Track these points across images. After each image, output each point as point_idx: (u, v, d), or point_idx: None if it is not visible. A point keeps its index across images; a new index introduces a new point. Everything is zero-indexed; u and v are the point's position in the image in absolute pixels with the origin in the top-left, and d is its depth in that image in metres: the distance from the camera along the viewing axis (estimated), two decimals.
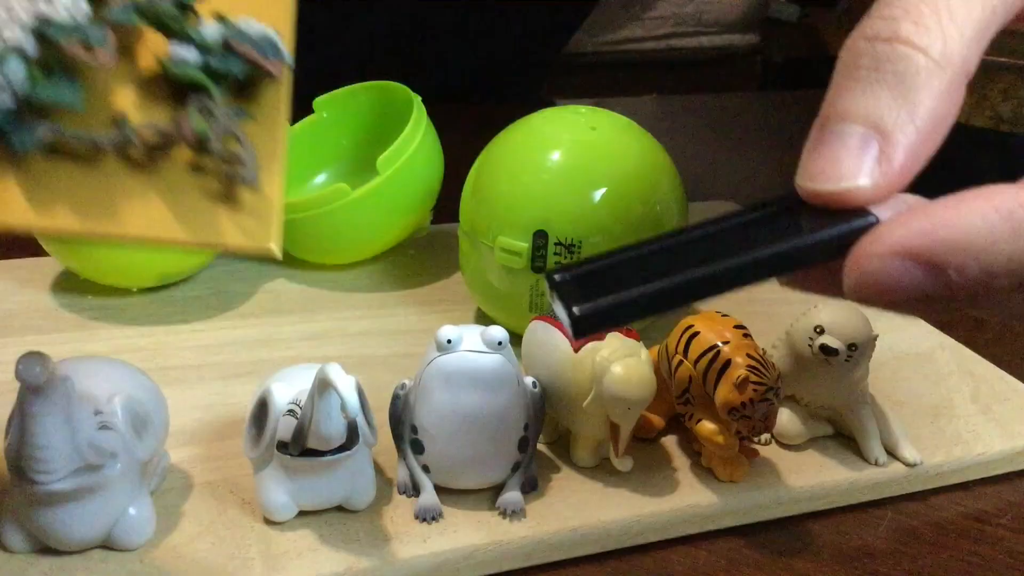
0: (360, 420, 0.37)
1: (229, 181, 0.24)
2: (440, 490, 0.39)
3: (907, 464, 0.43)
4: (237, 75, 0.25)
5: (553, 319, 0.43)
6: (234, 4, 0.26)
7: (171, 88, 0.25)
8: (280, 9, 0.27)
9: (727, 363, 0.40)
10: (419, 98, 0.60)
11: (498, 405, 0.38)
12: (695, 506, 0.40)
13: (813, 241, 0.24)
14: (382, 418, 0.40)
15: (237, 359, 0.51)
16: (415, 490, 0.39)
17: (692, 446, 0.43)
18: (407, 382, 0.40)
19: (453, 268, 0.60)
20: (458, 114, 0.74)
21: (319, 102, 0.65)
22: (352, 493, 0.38)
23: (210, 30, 0.26)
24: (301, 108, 0.63)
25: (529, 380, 0.40)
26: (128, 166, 0.24)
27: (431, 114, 0.60)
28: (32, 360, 0.31)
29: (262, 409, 0.38)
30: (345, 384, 0.34)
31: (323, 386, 0.34)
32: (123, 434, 0.35)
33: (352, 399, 0.33)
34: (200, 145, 0.24)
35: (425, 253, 0.64)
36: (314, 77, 0.65)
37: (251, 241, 0.24)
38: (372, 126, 0.65)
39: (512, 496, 0.39)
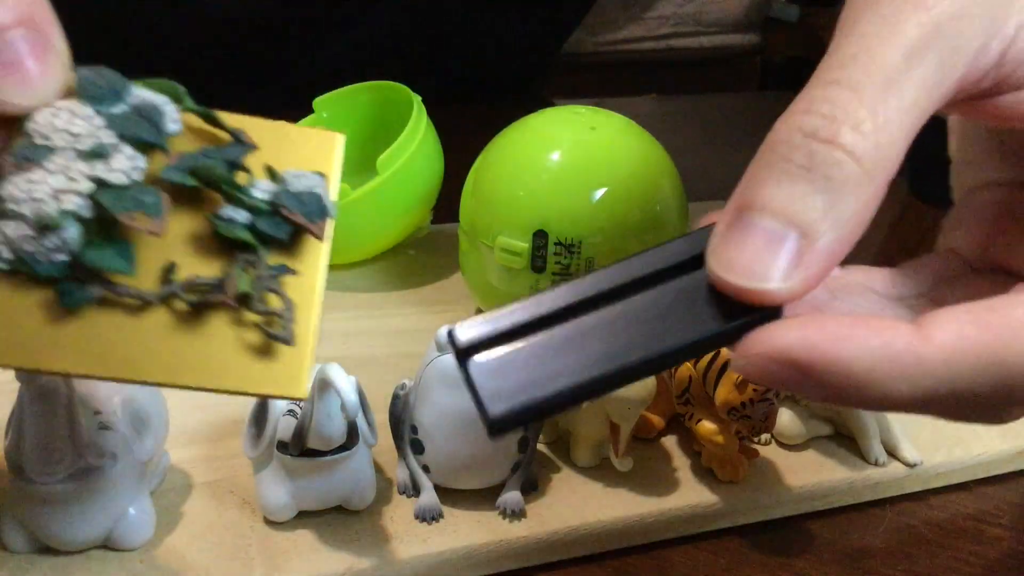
0: (360, 420, 0.37)
1: (266, 336, 0.26)
2: (440, 490, 0.39)
3: (907, 464, 0.43)
4: (283, 238, 0.27)
5: None
6: (281, 144, 0.27)
7: (218, 244, 0.26)
8: (327, 149, 0.28)
9: (727, 363, 0.40)
10: (419, 98, 0.60)
11: None
12: (695, 506, 0.40)
13: (726, 331, 0.24)
14: (382, 418, 0.40)
15: None
16: (415, 490, 0.39)
17: (692, 446, 0.43)
18: (407, 382, 0.40)
19: (453, 268, 0.60)
20: (458, 114, 0.74)
21: (319, 102, 0.65)
22: (352, 493, 0.38)
23: (260, 191, 0.27)
24: (301, 108, 0.63)
25: None
26: (172, 318, 0.26)
27: (431, 114, 0.60)
28: None
29: (262, 409, 0.38)
30: (345, 384, 0.34)
31: (323, 386, 0.34)
32: (123, 434, 0.35)
33: (352, 399, 0.34)
34: (242, 302, 0.26)
35: (425, 253, 0.64)
36: (314, 77, 0.66)
37: (283, 391, 0.26)
38: (372, 126, 0.65)
39: (512, 496, 0.39)
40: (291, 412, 0.36)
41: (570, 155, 0.49)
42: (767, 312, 0.23)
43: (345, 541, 0.37)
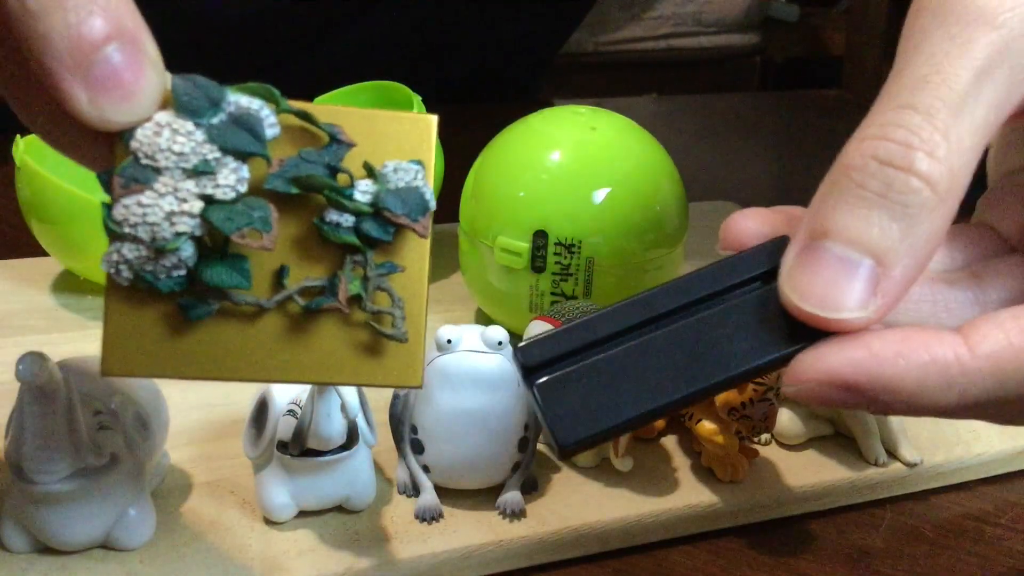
0: (360, 420, 0.37)
1: (378, 335, 0.27)
2: (440, 490, 0.39)
3: (907, 464, 0.43)
4: (388, 240, 0.27)
5: (553, 319, 0.43)
6: (378, 141, 0.27)
7: (326, 247, 0.27)
8: (424, 137, 0.28)
9: None
10: (419, 98, 0.60)
11: (498, 405, 0.38)
12: (695, 506, 0.40)
13: (792, 354, 0.24)
14: (382, 418, 0.40)
15: None
16: (415, 490, 0.39)
17: (692, 446, 0.43)
18: None
19: (453, 268, 0.60)
20: (458, 114, 0.74)
21: (319, 102, 0.65)
22: (352, 493, 0.38)
23: (361, 193, 0.27)
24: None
25: None
26: (287, 320, 0.27)
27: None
28: (32, 360, 0.31)
29: (262, 409, 0.38)
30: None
31: (323, 386, 0.34)
32: (123, 434, 0.35)
33: (352, 399, 0.34)
34: (352, 301, 0.27)
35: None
36: (314, 77, 0.66)
37: (400, 381, 0.27)
38: None
39: (512, 496, 0.39)
40: (291, 412, 0.36)
41: (570, 155, 0.49)
42: (832, 336, 0.24)
43: (345, 541, 0.37)
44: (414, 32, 0.95)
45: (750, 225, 0.28)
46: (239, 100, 0.25)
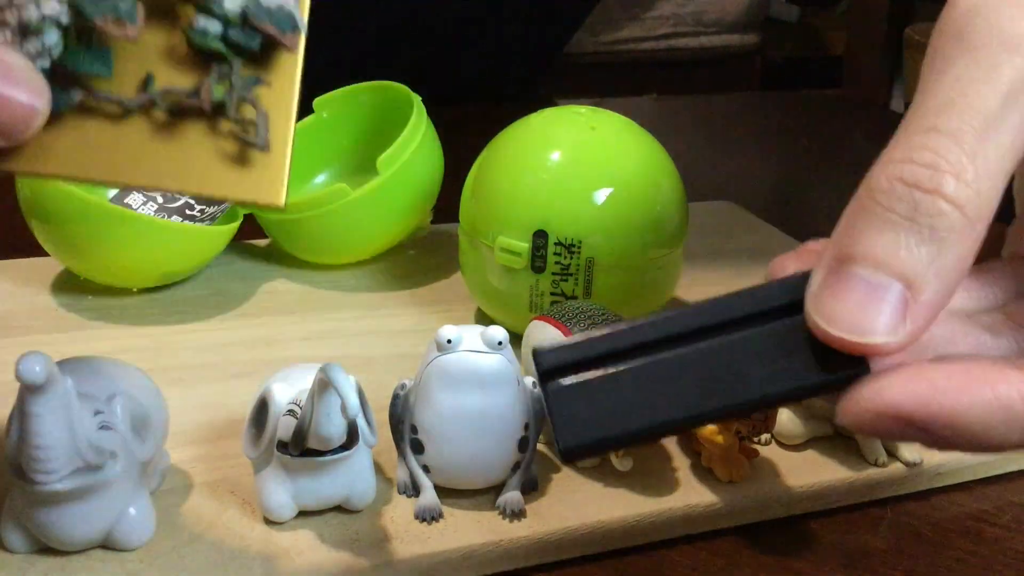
0: (360, 420, 0.37)
1: (242, 144, 0.27)
2: (440, 490, 0.39)
3: (907, 464, 0.43)
4: (255, 48, 0.27)
5: (553, 319, 0.43)
6: None
7: (194, 56, 0.27)
8: None
9: None
10: (419, 98, 0.60)
11: (498, 405, 0.38)
12: (695, 506, 0.40)
13: (812, 385, 0.24)
14: (382, 418, 0.40)
15: (237, 359, 0.51)
16: (415, 490, 0.39)
17: (692, 446, 0.43)
18: (407, 382, 0.40)
19: (453, 268, 0.60)
20: (458, 114, 0.74)
21: (319, 102, 0.65)
22: (352, 493, 0.38)
23: (231, 2, 0.27)
24: (301, 108, 0.63)
25: (529, 380, 0.40)
26: (151, 125, 0.27)
27: (431, 114, 0.60)
28: (32, 360, 0.31)
29: (262, 409, 0.38)
30: (345, 384, 0.34)
31: (323, 386, 0.34)
32: (123, 434, 0.35)
33: (352, 399, 0.34)
34: (217, 111, 0.27)
35: (425, 253, 0.64)
36: (314, 77, 0.66)
37: (260, 196, 0.27)
38: (372, 126, 0.65)
39: (512, 496, 0.39)
40: (291, 412, 0.36)
41: (570, 155, 0.49)
42: (859, 363, 0.23)
43: (345, 541, 0.37)
44: (414, 32, 0.95)
45: (789, 267, 0.27)
46: None
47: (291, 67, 0.28)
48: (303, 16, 0.28)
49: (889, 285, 0.22)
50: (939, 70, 0.24)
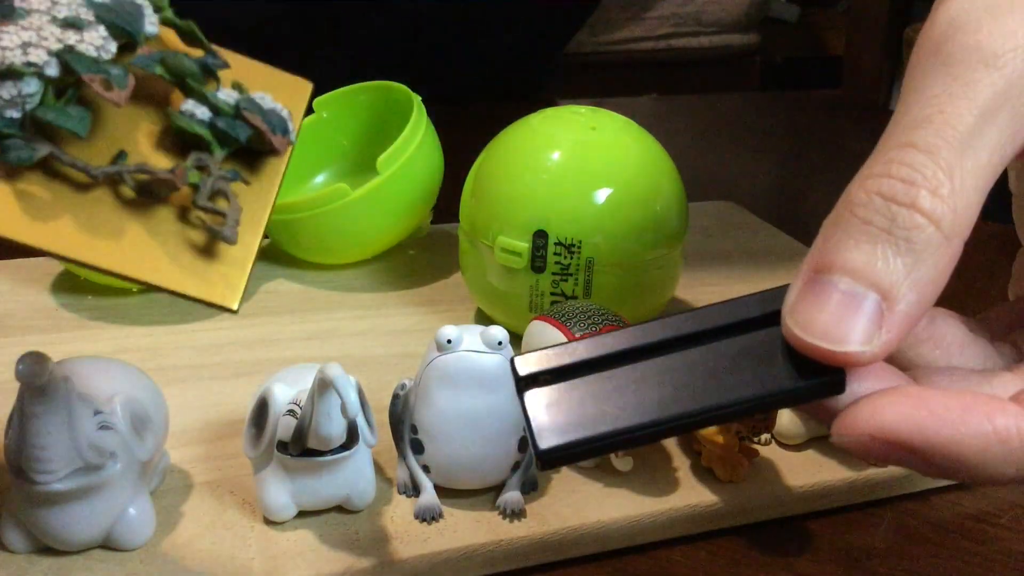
0: (360, 420, 0.37)
1: (209, 235, 0.25)
2: (440, 490, 0.39)
3: None
4: (241, 140, 0.26)
5: (553, 319, 0.43)
6: (254, 79, 0.27)
7: (176, 142, 0.26)
8: (297, 93, 0.28)
9: None
10: (419, 98, 0.60)
11: (498, 405, 0.38)
12: (695, 506, 0.40)
13: (786, 392, 0.24)
14: (382, 418, 0.40)
15: (237, 359, 0.51)
16: (415, 490, 0.39)
17: (692, 446, 0.43)
18: (407, 382, 0.40)
19: (453, 268, 0.60)
20: (458, 114, 0.74)
21: (319, 102, 0.65)
22: (352, 493, 0.38)
23: (225, 95, 0.27)
24: None
25: None
26: (118, 202, 0.25)
27: (431, 114, 0.60)
28: (32, 360, 0.31)
29: (262, 409, 0.38)
30: (345, 384, 0.34)
31: (323, 386, 0.34)
32: (123, 434, 0.35)
33: (352, 399, 0.34)
34: (190, 196, 0.25)
35: (425, 253, 0.64)
36: (314, 77, 0.66)
37: (215, 298, 0.25)
38: (372, 126, 0.65)
39: (512, 496, 0.39)
40: (291, 412, 0.36)
41: (570, 155, 0.49)
42: (835, 374, 0.23)
43: (345, 541, 0.37)
44: (414, 32, 0.95)
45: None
46: None
47: (273, 173, 0.27)
48: (294, 129, 0.27)
49: (865, 295, 0.23)
50: (917, 85, 0.24)
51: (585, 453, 0.24)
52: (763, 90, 1.69)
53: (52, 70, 0.24)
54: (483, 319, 0.55)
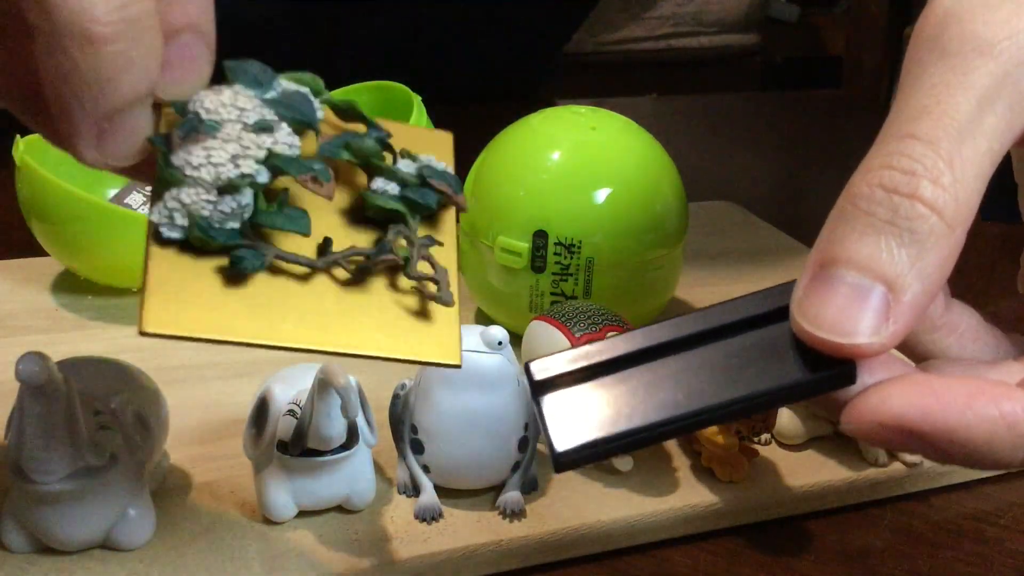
0: (360, 420, 0.37)
1: (423, 301, 0.27)
2: (440, 490, 0.39)
3: (907, 464, 0.43)
4: (432, 206, 0.28)
5: (553, 319, 0.43)
6: (401, 139, 0.29)
7: (360, 219, 0.28)
8: (442, 146, 0.30)
9: None
10: (419, 98, 0.60)
11: (498, 405, 0.38)
12: (695, 506, 0.40)
13: (798, 385, 0.24)
14: (382, 418, 0.40)
15: (237, 359, 0.51)
16: (415, 490, 0.39)
17: (692, 446, 0.43)
18: (407, 382, 0.40)
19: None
20: (458, 114, 0.73)
21: None
22: (352, 493, 0.38)
23: (406, 165, 0.28)
24: None
25: None
26: (337, 288, 0.26)
27: (431, 114, 0.60)
28: (32, 360, 0.31)
29: (262, 409, 0.38)
30: (345, 384, 0.34)
31: (323, 386, 0.34)
32: (123, 434, 0.35)
33: (352, 399, 0.34)
34: (400, 268, 0.27)
35: None
36: None
37: (445, 357, 0.27)
38: None
39: (512, 496, 0.39)
40: (291, 412, 0.36)
41: (570, 155, 0.49)
42: (845, 366, 0.24)
43: (345, 541, 0.37)
44: (414, 32, 0.95)
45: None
46: (288, 84, 0.27)
47: (451, 227, 0.29)
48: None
49: (871, 287, 0.23)
50: (915, 77, 0.24)
51: (602, 453, 0.24)
52: (763, 90, 1.69)
53: (263, 177, 0.25)
54: (483, 319, 0.55)
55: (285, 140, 0.26)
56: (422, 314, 0.27)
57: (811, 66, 1.83)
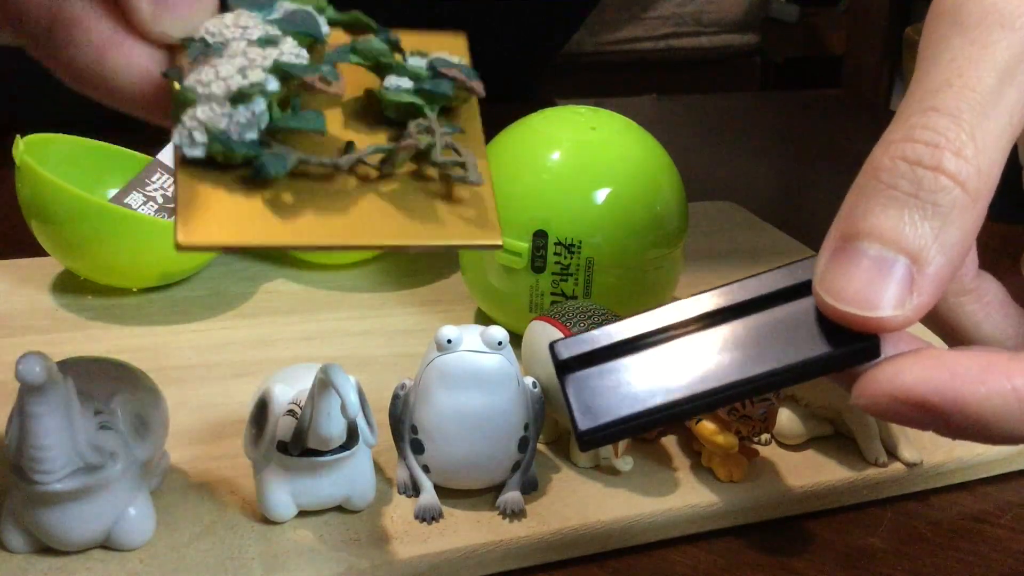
0: (360, 420, 0.37)
1: (455, 183, 0.27)
2: (440, 490, 0.39)
3: (907, 464, 0.43)
4: (449, 94, 0.28)
5: (553, 319, 0.43)
6: (414, 44, 0.29)
7: (379, 119, 0.28)
8: (456, 47, 0.30)
9: None
10: None
11: (498, 405, 0.38)
12: (695, 506, 0.40)
13: (822, 359, 0.24)
14: (382, 418, 0.40)
15: (237, 359, 0.51)
16: (415, 490, 0.39)
17: (692, 446, 0.43)
18: (407, 382, 0.40)
19: (453, 268, 0.60)
20: None
21: None
22: (352, 493, 0.38)
23: (416, 61, 0.28)
24: None
25: (529, 380, 0.40)
26: (361, 183, 0.26)
27: None
28: (32, 360, 0.31)
29: (262, 409, 0.38)
30: (345, 384, 0.34)
31: (323, 386, 0.34)
32: (123, 434, 0.35)
33: (352, 399, 0.34)
34: (424, 157, 0.27)
35: (425, 253, 0.64)
36: None
37: (483, 239, 0.26)
38: None
39: (512, 496, 0.39)
40: (291, 412, 0.36)
41: (570, 155, 0.49)
42: (869, 340, 0.23)
43: (345, 541, 0.37)
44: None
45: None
46: (291, 5, 0.27)
47: (474, 114, 0.29)
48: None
49: (895, 260, 0.23)
50: (935, 51, 0.24)
51: (626, 432, 0.24)
52: (763, 90, 1.69)
53: (272, 85, 0.25)
54: (483, 319, 0.55)
55: (291, 51, 0.26)
56: (454, 199, 0.26)
57: (811, 66, 1.83)
